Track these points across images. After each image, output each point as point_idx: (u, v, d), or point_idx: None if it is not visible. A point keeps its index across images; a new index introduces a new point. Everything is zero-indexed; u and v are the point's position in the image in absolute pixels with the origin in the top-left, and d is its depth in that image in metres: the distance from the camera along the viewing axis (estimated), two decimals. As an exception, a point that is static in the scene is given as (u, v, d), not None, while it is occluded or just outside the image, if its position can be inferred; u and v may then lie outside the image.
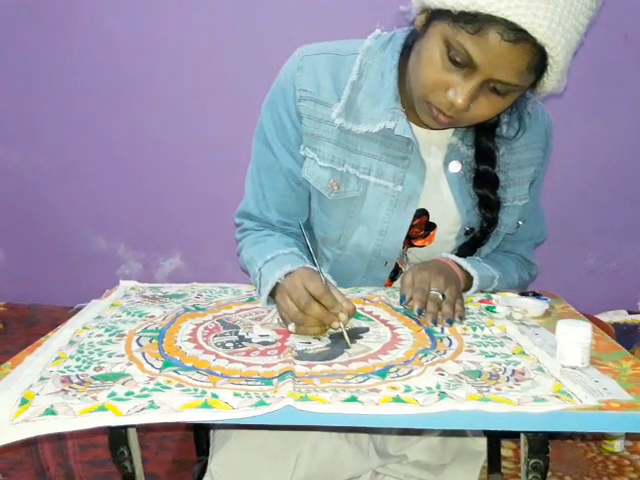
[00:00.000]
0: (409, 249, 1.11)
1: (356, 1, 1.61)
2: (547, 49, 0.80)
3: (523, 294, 1.04)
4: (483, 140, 1.03)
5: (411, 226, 1.06)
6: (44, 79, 1.71)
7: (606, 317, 1.68)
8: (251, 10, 1.64)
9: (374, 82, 1.01)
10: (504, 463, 1.22)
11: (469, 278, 1.05)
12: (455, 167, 1.05)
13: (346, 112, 1.01)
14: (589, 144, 1.69)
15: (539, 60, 0.82)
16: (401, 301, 0.97)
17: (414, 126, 1.03)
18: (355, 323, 0.91)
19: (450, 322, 0.90)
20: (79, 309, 0.98)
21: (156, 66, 1.68)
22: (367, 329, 0.89)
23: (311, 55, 1.03)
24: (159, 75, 1.69)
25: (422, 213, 1.07)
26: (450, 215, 1.07)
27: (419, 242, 1.09)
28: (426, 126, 1.00)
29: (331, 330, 0.87)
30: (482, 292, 1.07)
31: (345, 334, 0.83)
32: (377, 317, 0.94)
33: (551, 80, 0.87)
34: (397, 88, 1.00)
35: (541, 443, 0.72)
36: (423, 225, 1.08)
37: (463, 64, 0.84)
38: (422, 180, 1.04)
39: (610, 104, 1.66)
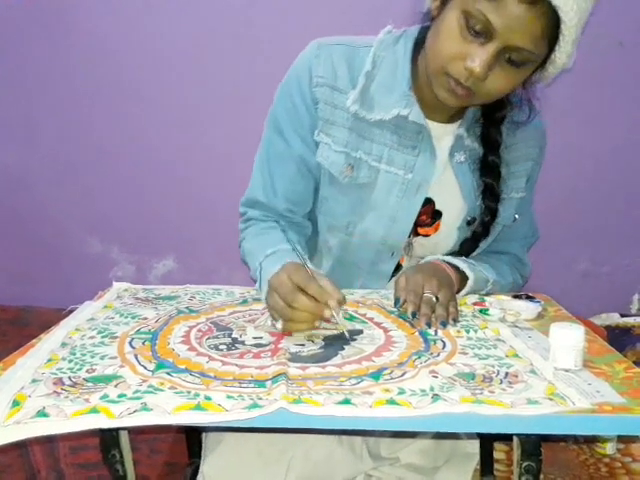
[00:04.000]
0: (415, 238, 1.12)
1: (356, 5, 1.61)
2: (561, 13, 0.83)
3: (516, 297, 1.04)
4: (492, 131, 1.06)
5: (419, 214, 1.08)
6: (40, 80, 1.70)
7: (599, 320, 1.68)
8: (250, 12, 1.64)
9: (387, 73, 1.04)
10: (497, 466, 1.22)
11: (463, 280, 1.05)
12: (460, 157, 1.08)
13: (361, 99, 1.03)
14: (583, 149, 1.70)
15: (552, 27, 0.85)
16: (395, 304, 0.97)
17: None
18: (349, 325, 0.90)
19: (444, 324, 0.90)
20: (72, 311, 0.98)
21: (151, 70, 1.68)
22: (361, 331, 0.89)
23: (327, 45, 1.05)
24: (155, 79, 1.69)
25: (428, 202, 1.09)
26: (455, 204, 1.10)
27: (424, 230, 1.11)
28: (435, 118, 1.04)
29: (325, 332, 0.87)
30: (475, 295, 1.07)
31: (339, 320, 0.82)
32: (371, 319, 0.94)
33: (562, 53, 0.90)
34: (410, 79, 1.03)
35: (534, 446, 0.72)
36: (430, 213, 1.10)
37: (481, 32, 0.86)
38: (432, 168, 1.06)
39: (605, 110, 1.67)
